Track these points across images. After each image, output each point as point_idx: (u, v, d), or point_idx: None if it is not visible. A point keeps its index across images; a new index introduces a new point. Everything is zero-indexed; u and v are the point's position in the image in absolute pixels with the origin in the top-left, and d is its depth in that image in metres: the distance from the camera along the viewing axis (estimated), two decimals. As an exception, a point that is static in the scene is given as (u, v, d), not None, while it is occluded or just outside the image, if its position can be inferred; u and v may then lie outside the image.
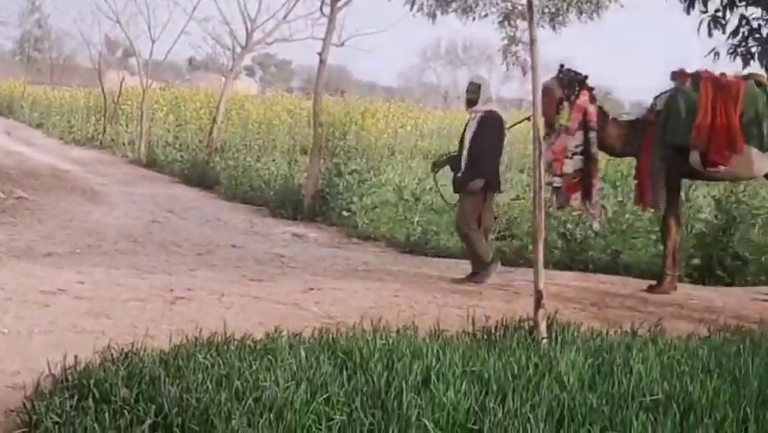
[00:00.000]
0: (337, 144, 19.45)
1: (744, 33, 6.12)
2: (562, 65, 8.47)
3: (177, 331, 5.74)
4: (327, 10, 14.75)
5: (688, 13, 6.26)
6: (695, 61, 7.86)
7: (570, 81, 8.37)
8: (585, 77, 8.43)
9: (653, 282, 8.67)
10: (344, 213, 12.86)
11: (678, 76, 8.53)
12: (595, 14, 12.00)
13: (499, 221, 11.78)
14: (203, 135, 22.52)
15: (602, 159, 13.38)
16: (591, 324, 6.61)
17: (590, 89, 8.44)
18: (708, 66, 7.76)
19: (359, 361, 4.96)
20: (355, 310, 6.86)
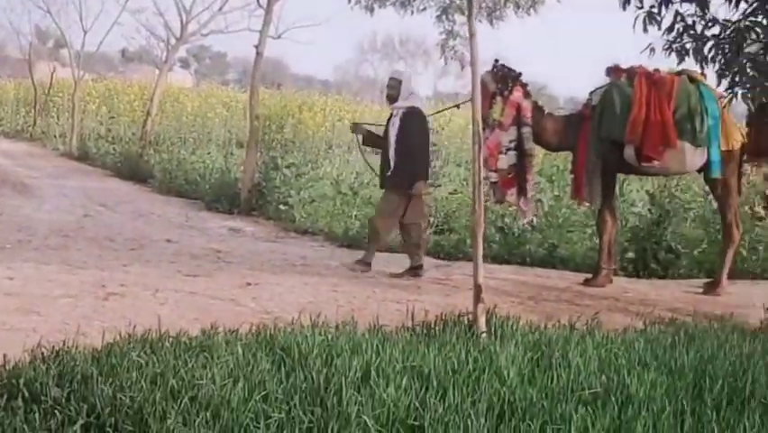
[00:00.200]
0: (274, 138, 19.23)
1: (679, 30, 6.15)
2: (497, 60, 8.51)
3: (109, 328, 5.62)
4: (264, 1, 14.58)
5: (624, 8, 6.27)
6: (631, 57, 7.94)
7: (503, 76, 8.40)
8: (519, 73, 8.48)
9: (588, 276, 8.77)
10: (281, 207, 12.75)
11: (613, 71, 8.64)
12: (532, 10, 12.06)
13: (437, 215, 11.81)
14: (136, 128, 22.18)
15: (539, 153, 13.58)
16: (529, 317, 6.63)
17: (524, 85, 8.51)
18: (644, 62, 7.86)
19: (297, 357, 4.90)
20: (293, 306, 6.79)
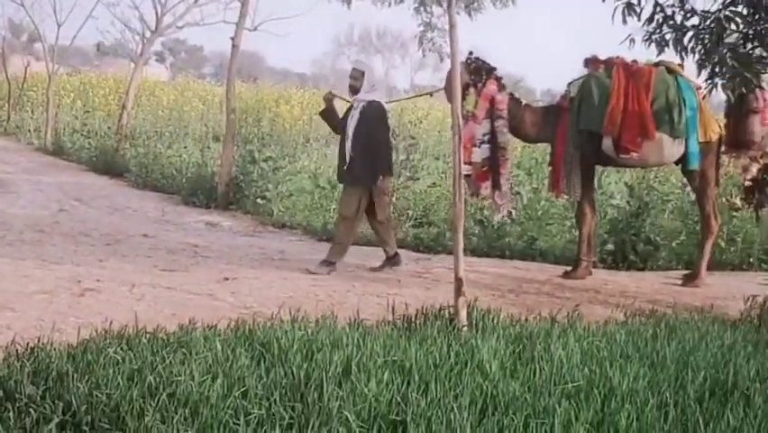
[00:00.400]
0: (251, 131, 19.20)
1: (658, 20, 6.13)
2: (471, 52, 8.45)
3: (85, 324, 5.55)
4: (240, -7, 14.45)
5: (603, 0, 6.26)
6: (611, 49, 7.92)
7: (477, 68, 8.34)
8: (493, 67, 8.42)
9: (568, 268, 8.75)
10: (259, 201, 12.67)
11: (591, 62, 8.61)
12: (510, 1, 12.03)
13: (416, 208, 11.77)
14: (112, 122, 21.99)
15: (517, 146, 13.57)
16: (510, 310, 6.61)
17: (499, 78, 8.42)
18: (622, 53, 7.86)
19: (277, 352, 4.84)
20: (272, 300, 6.73)
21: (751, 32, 5.74)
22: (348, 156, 8.31)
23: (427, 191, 12.34)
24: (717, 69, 5.82)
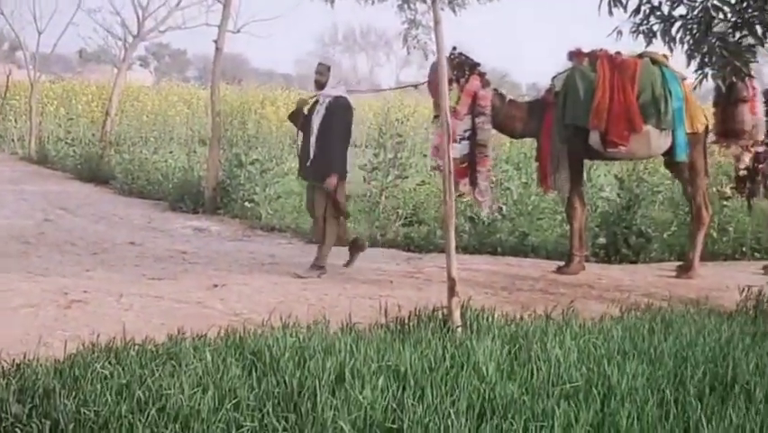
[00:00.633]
0: (237, 134, 19.05)
1: (645, 11, 6.04)
2: (455, 47, 8.32)
3: (72, 337, 5.47)
4: (222, -4, 14.33)
5: (588, -8, 6.16)
6: (598, 42, 7.84)
7: (459, 64, 8.21)
8: (476, 63, 8.31)
9: (561, 263, 8.68)
10: (247, 204, 12.54)
11: (575, 55, 8.53)
12: (494, -4, 11.95)
13: (405, 207, 11.68)
14: (96, 129, 21.74)
15: (506, 141, 13.50)
16: (504, 308, 6.54)
17: (482, 74, 8.30)
18: (611, 46, 7.78)
19: (269, 361, 4.75)
20: (263, 306, 6.63)
21: (739, 21, 5.66)
22: (312, 152, 8.13)
23: (416, 189, 12.25)
24: (706, 59, 5.74)
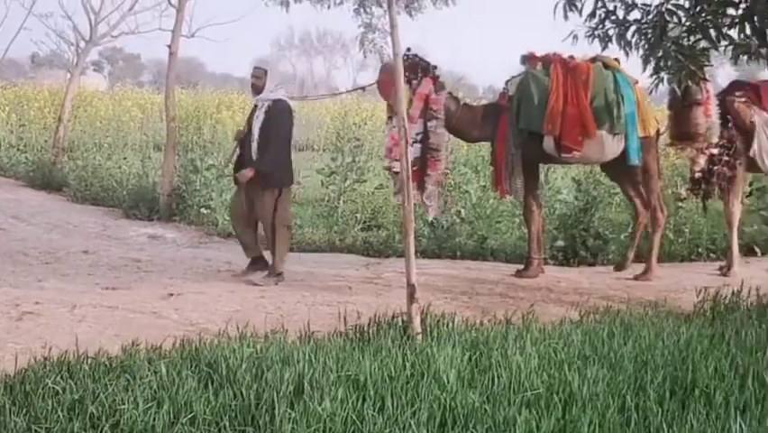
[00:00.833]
0: (192, 139, 18.83)
1: (600, 16, 6.07)
2: (409, 49, 8.25)
3: (24, 351, 5.32)
4: (175, 0, 14.15)
5: (544, -5, 6.18)
6: (555, 45, 7.84)
7: (412, 65, 8.11)
8: (430, 65, 8.18)
9: (520, 266, 8.68)
10: (203, 210, 12.38)
11: (528, 59, 8.51)
12: (450, 1, 11.97)
13: (364, 211, 11.62)
14: (49, 135, 21.38)
15: (463, 144, 13.49)
16: (464, 314, 6.51)
17: (435, 77, 8.18)
18: (568, 50, 7.77)
19: (225, 373, 4.65)
20: (219, 315, 6.53)
21: (693, 25, 5.69)
22: (254, 158, 7.94)
23: (374, 193, 12.20)
24: (661, 63, 5.77)
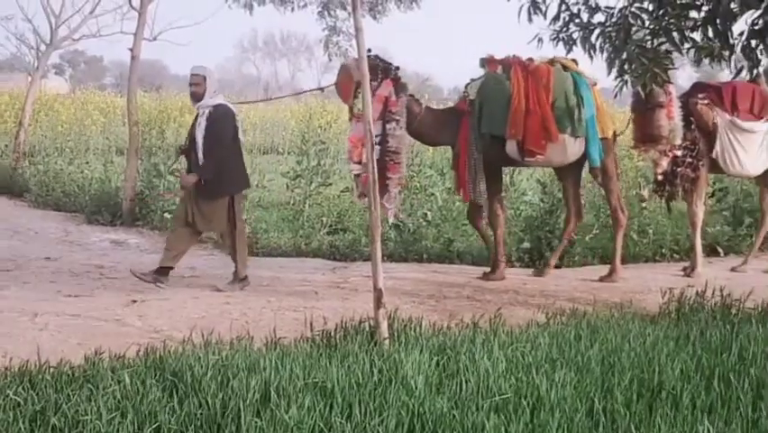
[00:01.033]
0: (155, 143, 18.61)
1: (564, 19, 6.07)
2: (369, 49, 8.15)
3: (-17, 361, 5.18)
4: (137, 3, 13.99)
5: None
6: (520, 47, 7.85)
7: (372, 67, 7.97)
8: (392, 67, 8.10)
9: (487, 269, 8.68)
10: (167, 215, 12.19)
11: (487, 63, 8.50)
12: (414, 4, 11.99)
13: (330, 214, 11.56)
14: (9, 140, 21.06)
15: (428, 147, 13.47)
16: (431, 317, 6.49)
17: (396, 79, 8.10)
18: (533, 53, 7.76)
19: (190, 381, 4.58)
20: (183, 322, 6.46)
21: (657, 28, 5.72)
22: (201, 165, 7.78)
23: (340, 197, 12.13)
24: (626, 66, 5.79)
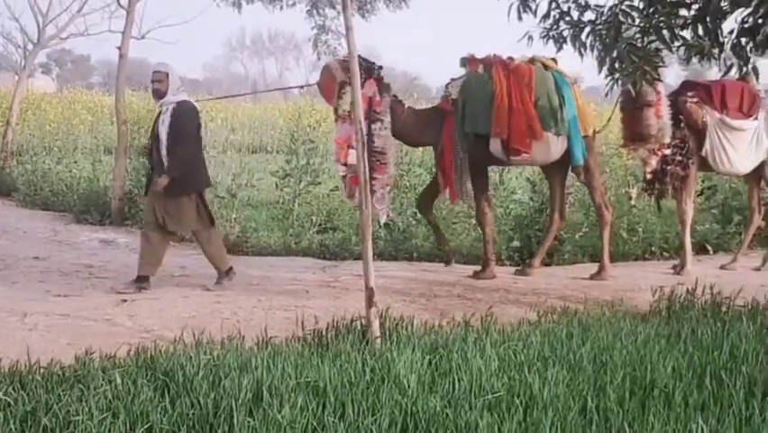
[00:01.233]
0: (144, 142, 18.54)
1: (554, 17, 6.08)
2: None
3: (-27, 363, 5.14)
4: (125, 2, 13.94)
5: (498, -1, 6.17)
6: (510, 46, 7.85)
7: None
8: (375, 67, 8.05)
9: (477, 267, 8.68)
10: (156, 215, 12.20)
11: (468, 62, 8.49)
12: (403, 3, 11.99)
13: (319, 213, 11.54)
14: (-4, 139, 20.99)
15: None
16: (422, 316, 6.48)
17: (380, 79, 8.06)
18: (524, 51, 7.75)
19: (182, 381, 4.56)
20: (174, 321, 6.43)
21: (648, 26, 5.73)
22: (165, 163, 7.67)
23: (330, 195, 12.11)
24: (616, 65, 5.80)
